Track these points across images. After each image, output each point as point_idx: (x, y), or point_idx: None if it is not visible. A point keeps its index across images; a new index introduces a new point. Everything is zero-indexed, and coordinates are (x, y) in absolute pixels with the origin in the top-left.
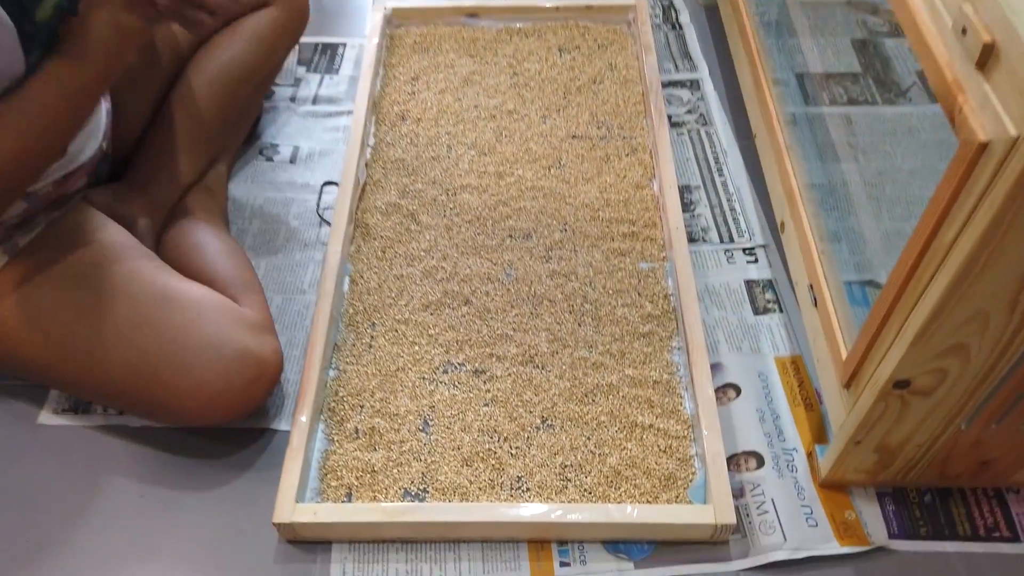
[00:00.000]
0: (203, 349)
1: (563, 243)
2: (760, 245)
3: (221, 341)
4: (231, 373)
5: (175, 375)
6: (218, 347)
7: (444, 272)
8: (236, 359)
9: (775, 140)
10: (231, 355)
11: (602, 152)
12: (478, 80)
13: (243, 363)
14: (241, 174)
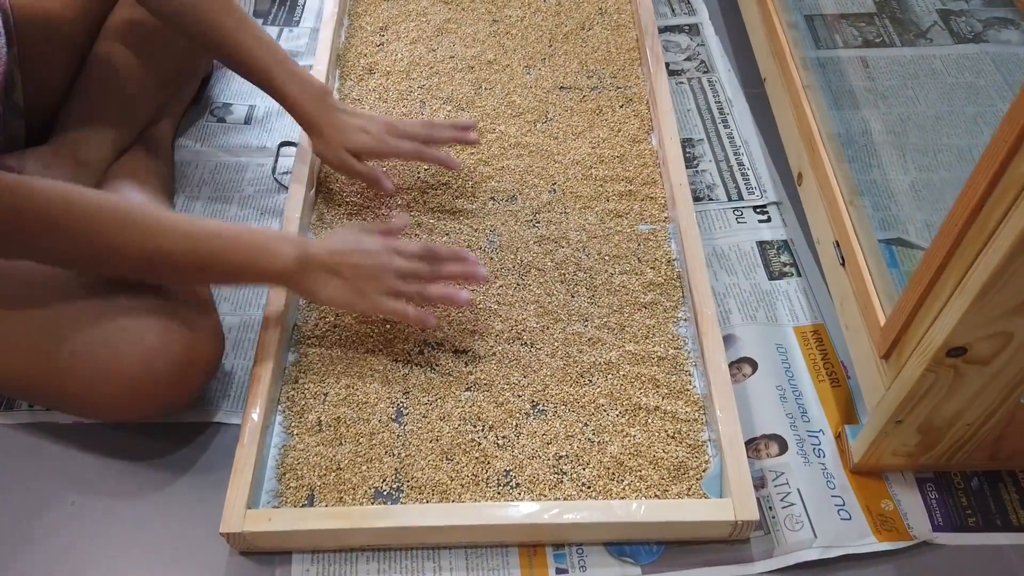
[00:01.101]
0: (121, 329)
1: (552, 205)
2: (773, 202)
3: (143, 319)
4: (153, 355)
5: (88, 358)
6: (139, 326)
7: (418, 240)
8: (159, 338)
9: (790, 82)
10: (154, 334)
11: (593, 104)
12: (454, 28)
13: (168, 343)
14: (189, 136)
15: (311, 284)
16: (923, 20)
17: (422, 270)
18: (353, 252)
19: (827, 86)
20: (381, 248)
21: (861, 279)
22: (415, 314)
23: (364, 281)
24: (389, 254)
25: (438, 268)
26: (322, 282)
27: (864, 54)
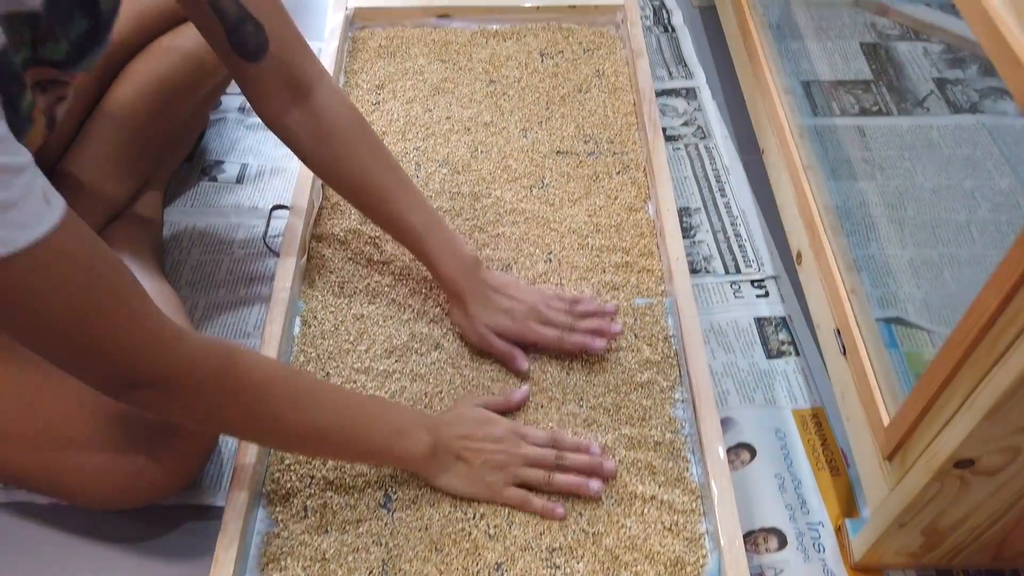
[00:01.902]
0: (121, 418)
1: (548, 275)
2: (771, 276)
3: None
4: (155, 447)
5: (84, 451)
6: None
7: (411, 311)
8: (161, 431)
9: (788, 156)
10: (155, 427)
11: (590, 170)
12: (450, 88)
13: (168, 436)
14: (180, 197)
15: (437, 469)
16: (919, 89)
17: (548, 459)
18: (483, 439)
19: (825, 156)
20: (509, 434)
21: (863, 372)
22: (541, 506)
23: (491, 471)
24: (516, 441)
25: (563, 457)
26: (447, 468)
27: (861, 123)
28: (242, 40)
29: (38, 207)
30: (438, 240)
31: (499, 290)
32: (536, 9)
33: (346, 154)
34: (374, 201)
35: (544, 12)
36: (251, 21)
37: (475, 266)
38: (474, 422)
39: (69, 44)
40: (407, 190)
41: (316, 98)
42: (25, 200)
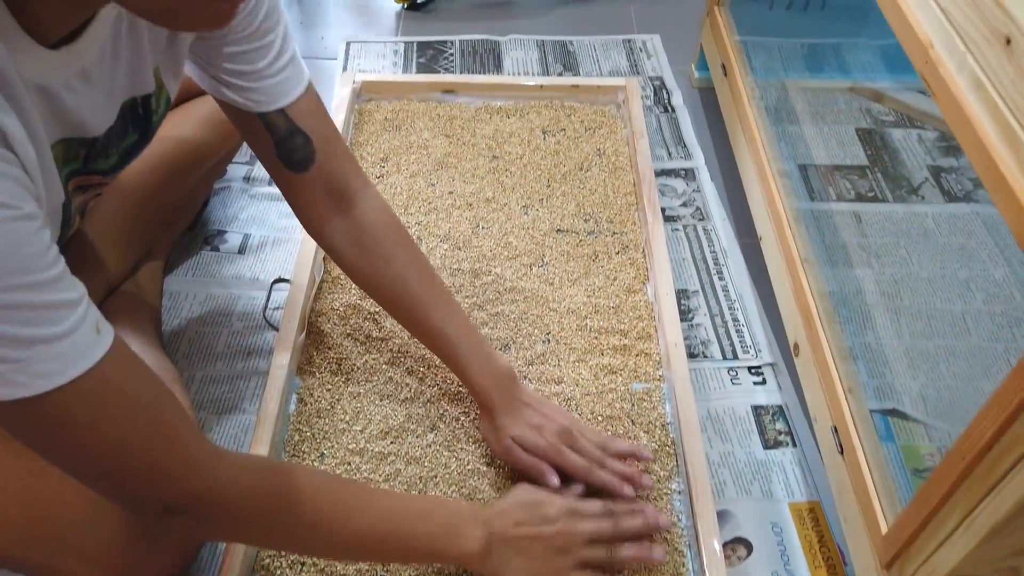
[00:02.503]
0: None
1: (546, 356)
2: (768, 363)
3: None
4: (154, 531)
5: (83, 537)
6: None
7: (408, 390)
8: None
9: (785, 246)
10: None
11: (590, 249)
12: (454, 163)
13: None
14: (181, 266)
15: (497, 565)
16: (914, 176)
17: (606, 530)
18: (539, 523)
19: (822, 241)
20: (564, 513)
21: (860, 474)
22: None
23: (553, 556)
24: (572, 519)
25: (620, 526)
26: (507, 561)
27: (857, 208)
28: (290, 152)
29: (90, 338)
30: (473, 351)
31: (531, 405)
32: (540, 87)
33: (384, 265)
34: (411, 311)
35: (547, 90)
36: (300, 134)
37: (509, 380)
38: (527, 506)
39: (118, 156)
40: (444, 300)
41: (358, 209)
42: (78, 332)
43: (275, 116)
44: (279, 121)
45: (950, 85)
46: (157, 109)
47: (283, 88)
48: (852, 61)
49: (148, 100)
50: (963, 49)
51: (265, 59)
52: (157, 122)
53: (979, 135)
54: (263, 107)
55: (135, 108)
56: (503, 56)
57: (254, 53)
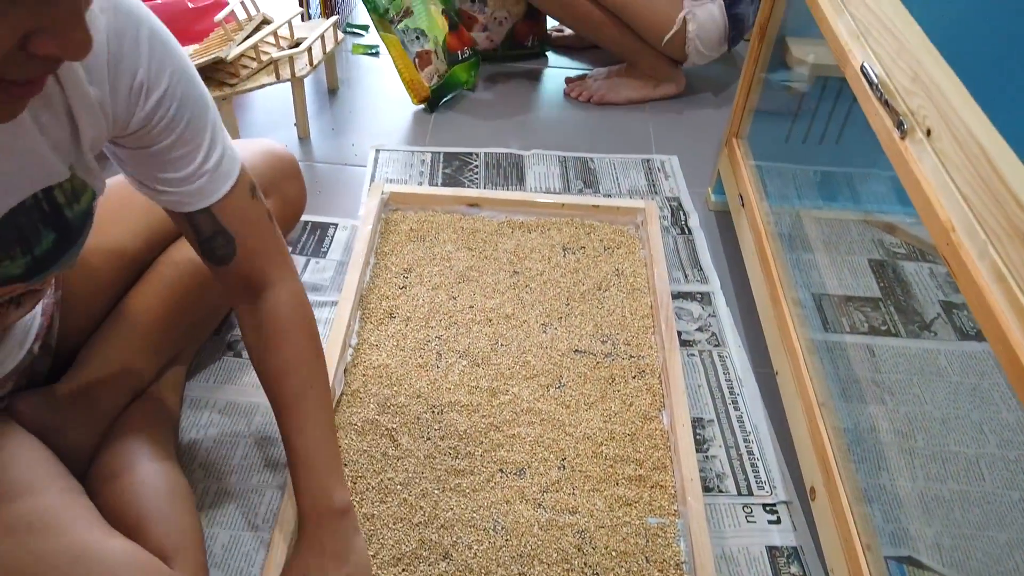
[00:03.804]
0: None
1: (561, 484)
2: (783, 501)
3: None
4: None
5: None
6: None
7: (422, 514)
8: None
9: (802, 387)
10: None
11: (607, 372)
12: (475, 277)
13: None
14: (203, 372)
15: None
16: (927, 311)
17: None
18: None
19: (836, 375)
20: None
21: None
22: None
23: None
24: None
25: None
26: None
27: (870, 342)
28: (212, 250)
29: None
30: (313, 474)
31: (337, 556)
32: (561, 205)
33: (270, 356)
34: (277, 409)
35: (569, 208)
36: (223, 235)
37: (333, 517)
38: None
39: (32, 259)
40: (309, 408)
41: (267, 300)
42: None
43: (200, 216)
44: (204, 222)
45: (971, 271)
46: (71, 204)
47: (208, 189)
48: (865, 192)
49: (51, 192)
50: (984, 238)
51: (190, 167)
52: (77, 219)
53: (1001, 325)
54: (188, 208)
55: (39, 204)
56: (526, 170)
57: (179, 162)
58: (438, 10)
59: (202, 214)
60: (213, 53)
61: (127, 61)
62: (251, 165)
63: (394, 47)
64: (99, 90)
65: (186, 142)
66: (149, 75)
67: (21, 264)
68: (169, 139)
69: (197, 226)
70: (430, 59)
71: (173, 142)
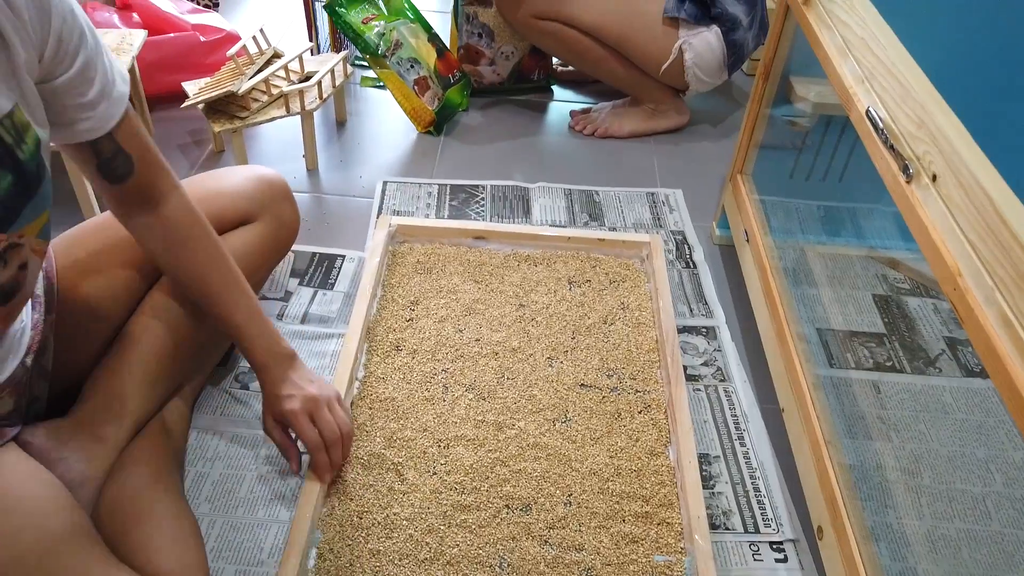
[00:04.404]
0: None
1: (567, 520)
2: (790, 539)
3: None
4: None
5: None
6: None
7: (428, 550)
8: None
9: (809, 426)
10: None
11: (613, 406)
12: (482, 310)
13: None
14: (209, 404)
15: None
16: (932, 347)
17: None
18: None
19: (841, 411)
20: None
21: None
22: None
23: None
24: None
25: None
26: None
27: (876, 378)
28: (112, 170)
29: None
30: (257, 335)
31: (301, 379)
32: (567, 239)
33: (184, 257)
34: (206, 299)
35: (574, 241)
36: (122, 155)
37: (286, 359)
38: None
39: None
40: (235, 289)
41: (165, 209)
42: None
43: (103, 140)
44: (106, 145)
45: (978, 316)
46: (19, 144)
47: (109, 113)
48: (868, 227)
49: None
50: (991, 284)
51: (91, 93)
52: (30, 162)
53: (1008, 370)
54: (96, 134)
55: None
56: (532, 202)
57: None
58: (423, 40)
59: (105, 138)
60: (225, 87)
61: None
62: (243, 190)
63: (391, 80)
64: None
65: (88, 68)
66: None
67: None
68: (75, 66)
69: (100, 150)
70: (428, 84)
71: (79, 69)
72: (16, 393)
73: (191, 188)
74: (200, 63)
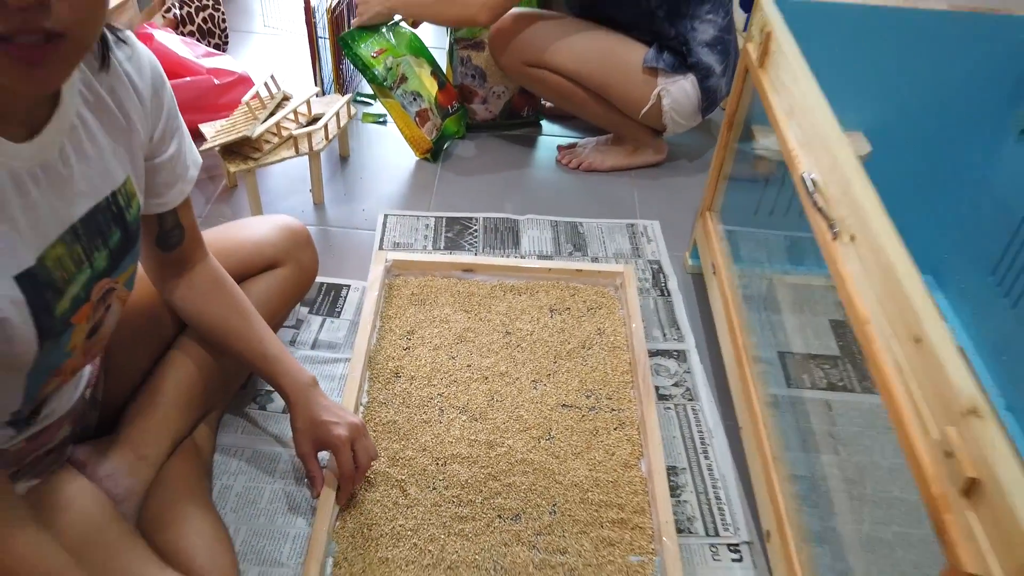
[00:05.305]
0: None
1: (552, 527)
2: (745, 541)
3: None
4: None
5: None
6: None
7: (431, 557)
8: None
9: (759, 443)
10: None
11: (591, 424)
12: (472, 338)
13: None
14: (232, 423)
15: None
16: None
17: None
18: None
19: (796, 426)
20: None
21: None
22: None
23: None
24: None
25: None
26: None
27: (828, 397)
28: (167, 240)
29: None
30: (283, 369)
31: (328, 408)
32: (548, 270)
33: (208, 309)
34: (232, 341)
35: (555, 272)
36: (179, 228)
37: (312, 386)
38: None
39: (110, 253)
40: (257, 330)
41: (192, 274)
42: None
43: (169, 214)
44: (169, 219)
45: (878, 358)
46: (127, 207)
47: (182, 192)
48: None
49: (115, 196)
50: (890, 333)
51: (176, 170)
52: (132, 222)
53: (900, 412)
54: (164, 208)
55: (109, 205)
56: (521, 234)
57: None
58: (426, 72)
59: (170, 212)
60: (240, 131)
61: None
62: (269, 239)
63: (395, 110)
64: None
65: (179, 152)
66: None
67: (104, 256)
68: (170, 149)
69: (164, 222)
70: (428, 116)
71: (172, 153)
72: (74, 422)
73: (221, 237)
74: (214, 104)
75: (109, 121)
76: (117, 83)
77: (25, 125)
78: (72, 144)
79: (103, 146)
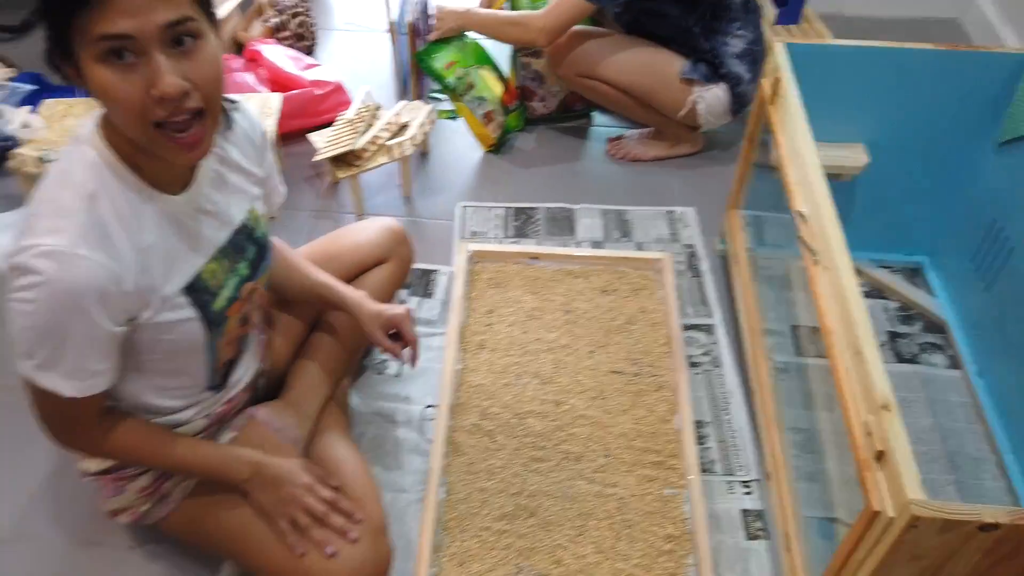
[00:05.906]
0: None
1: (606, 467)
2: (755, 479)
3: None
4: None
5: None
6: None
7: (515, 487)
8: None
9: (764, 404)
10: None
11: (635, 388)
12: (539, 316)
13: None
14: (358, 385)
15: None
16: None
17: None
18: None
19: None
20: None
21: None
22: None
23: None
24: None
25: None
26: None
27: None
28: None
29: None
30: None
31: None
32: (599, 257)
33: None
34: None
35: (605, 260)
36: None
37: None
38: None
39: (250, 264)
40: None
41: None
42: None
43: None
44: None
45: (839, 364)
46: (257, 227)
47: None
48: None
49: (247, 222)
50: (845, 345)
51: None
52: (262, 239)
53: (843, 397)
54: None
55: (244, 229)
56: (576, 222)
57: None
58: (491, 77)
59: None
60: (345, 143)
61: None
62: (376, 240)
63: (465, 112)
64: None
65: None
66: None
67: (246, 266)
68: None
69: None
70: (492, 116)
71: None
72: (251, 390)
73: (338, 242)
74: (316, 110)
75: (235, 167)
76: (235, 137)
77: (178, 182)
78: (212, 189)
79: (233, 187)
